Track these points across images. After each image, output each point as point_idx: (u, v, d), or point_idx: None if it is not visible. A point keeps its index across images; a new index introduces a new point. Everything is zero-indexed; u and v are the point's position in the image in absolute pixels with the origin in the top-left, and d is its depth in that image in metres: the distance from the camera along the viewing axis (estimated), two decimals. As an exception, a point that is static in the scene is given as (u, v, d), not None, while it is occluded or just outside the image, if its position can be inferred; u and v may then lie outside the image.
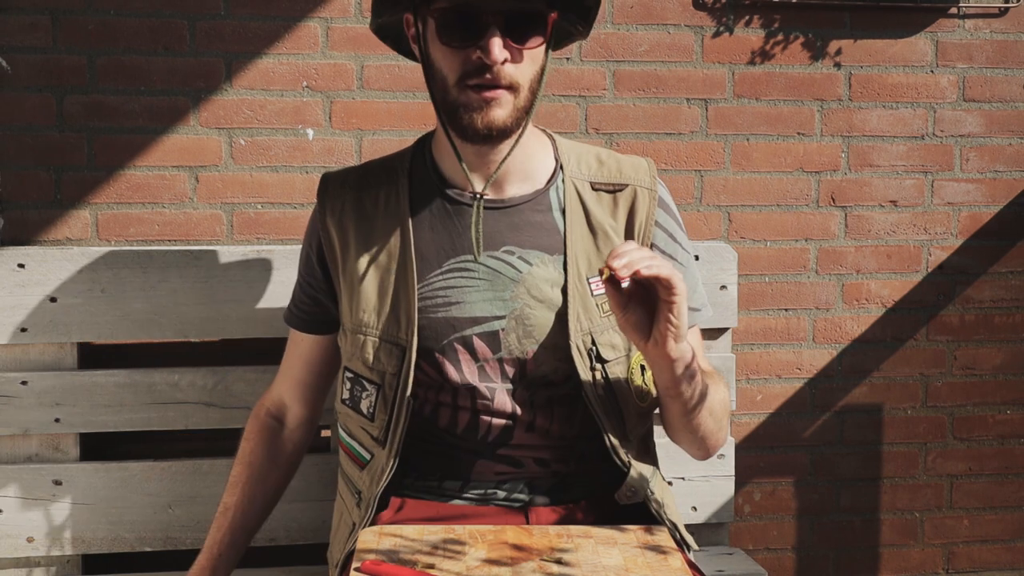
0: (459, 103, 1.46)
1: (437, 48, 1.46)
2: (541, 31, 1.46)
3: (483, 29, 1.41)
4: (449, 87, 1.46)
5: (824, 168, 2.49)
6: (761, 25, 2.43)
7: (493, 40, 1.41)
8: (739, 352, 2.47)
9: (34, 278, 1.92)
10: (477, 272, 1.54)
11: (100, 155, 2.23)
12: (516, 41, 1.43)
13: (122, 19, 2.22)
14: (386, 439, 1.54)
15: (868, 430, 2.58)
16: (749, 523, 2.56)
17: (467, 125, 1.46)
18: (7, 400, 1.91)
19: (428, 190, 1.59)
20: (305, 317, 1.69)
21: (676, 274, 1.32)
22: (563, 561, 1.37)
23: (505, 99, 1.45)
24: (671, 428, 1.56)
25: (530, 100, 1.48)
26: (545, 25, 1.46)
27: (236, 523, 1.68)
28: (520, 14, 1.43)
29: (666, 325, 1.33)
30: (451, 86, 1.46)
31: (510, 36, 1.43)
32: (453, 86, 1.46)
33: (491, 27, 1.41)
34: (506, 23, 1.42)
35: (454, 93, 1.46)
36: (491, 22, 1.41)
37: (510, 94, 1.46)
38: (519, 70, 1.45)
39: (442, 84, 1.47)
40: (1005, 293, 2.59)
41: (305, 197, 2.29)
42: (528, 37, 1.45)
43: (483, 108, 1.45)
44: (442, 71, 1.46)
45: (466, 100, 1.45)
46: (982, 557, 2.66)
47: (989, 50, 2.51)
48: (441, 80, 1.47)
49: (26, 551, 1.94)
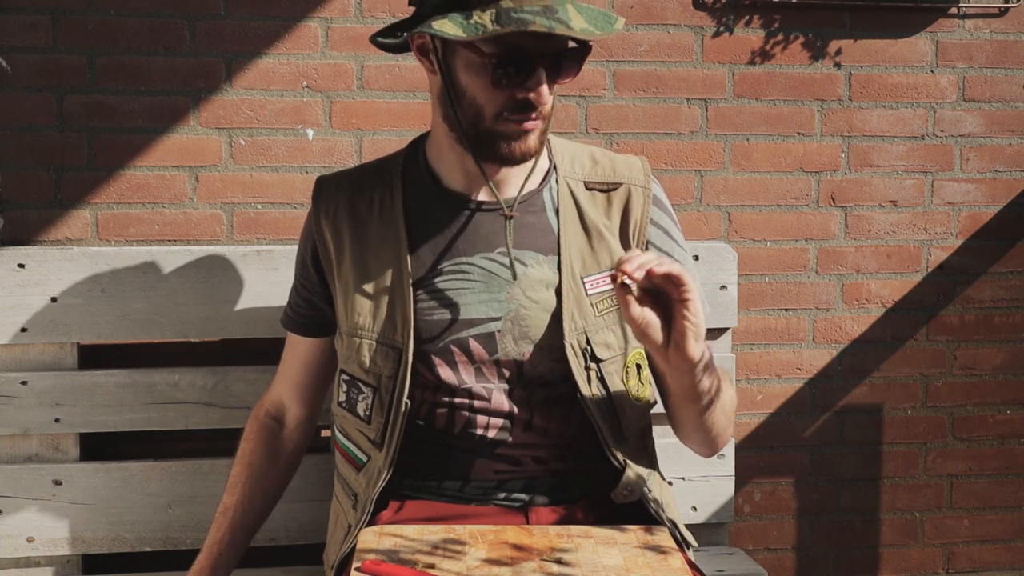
0: (495, 132, 1.47)
1: (476, 82, 1.45)
2: (577, 66, 1.48)
3: (533, 71, 1.42)
4: (485, 117, 1.47)
5: (824, 168, 2.49)
6: (761, 25, 2.43)
7: (544, 85, 1.43)
8: (739, 352, 2.47)
9: (34, 278, 1.92)
10: (472, 274, 1.54)
11: (100, 155, 2.23)
12: (557, 78, 1.45)
13: (122, 19, 2.22)
14: (383, 442, 1.54)
15: (868, 430, 2.58)
16: (749, 523, 2.56)
17: (504, 153, 1.48)
18: (7, 400, 1.91)
19: (422, 193, 1.59)
20: (301, 320, 1.69)
21: (685, 270, 1.32)
22: (563, 561, 1.37)
23: (539, 127, 1.48)
24: (683, 430, 1.56)
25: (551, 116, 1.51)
26: (582, 61, 1.48)
27: (236, 523, 1.69)
28: (566, 53, 1.45)
29: (683, 324, 1.34)
30: (487, 117, 1.46)
31: (554, 74, 1.45)
32: (490, 117, 1.46)
33: (540, 70, 1.42)
34: (552, 62, 1.44)
35: (490, 124, 1.47)
36: (542, 65, 1.42)
37: (543, 122, 1.49)
38: (551, 99, 1.47)
39: (475, 113, 1.47)
40: (1005, 293, 2.59)
41: (305, 197, 2.28)
42: (568, 72, 1.47)
43: (520, 138, 1.47)
44: (478, 102, 1.46)
45: (504, 130, 1.46)
46: (982, 557, 2.66)
47: (989, 50, 2.51)
48: (474, 109, 1.47)
49: (26, 551, 1.94)
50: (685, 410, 1.50)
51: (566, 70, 1.46)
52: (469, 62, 1.44)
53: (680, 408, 1.51)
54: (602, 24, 1.42)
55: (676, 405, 1.51)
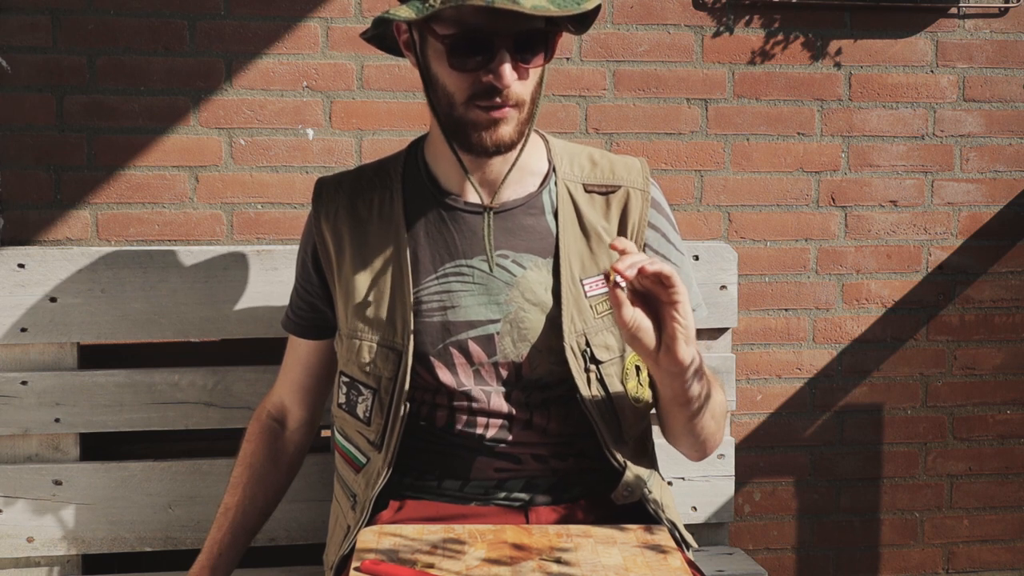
0: (466, 121, 1.46)
1: (443, 68, 1.45)
2: (547, 48, 1.46)
3: (493, 53, 1.41)
4: (456, 105, 1.46)
5: (824, 168, 2.49)
6: (761, 25, 2.43)
7: (504, 65, 1.40)
8: (739, 352, 2.47)
9: (34, 278, 1.92)
10: (472, 276, 1.54)
11: (100, 155, 2.24)
12: (523, 61, 1.43)
13: (122, 19, 2.22)
14: (382, 443, 1.54)
15: (868, 430, 2.58)
16: (749, 523, 2.56)
17: (476, 143, 1.47)
18: (7, 400, 1.91)
19: (422, 194, 1.59)
20: (302, 323, 1.69)
21: (675, 272, 1.32)
22: (563, 560, 1.37)
23: (511, 116, 1.46)
24: (672, 434, 1.56)
25: (532, 111, 1.49)
26: (552, 42, 1.46)
27: (237, 523, 1.69)
28: (528, 34, 1.42)
29: (673, 326, 1.32)
30: (458, 104, 1.45)
31: (517, 56, 1.42)
32: (460, 104, 1.45)
33: (501, 51, 1.40)
34: (515, 44, 1.42)
35: (461, 111, 1.46)
36: (501, 45, 1.40)
37: (516, 110, 1.46)
38: (524, 87, 1.45)
39: (447, 101, 1.47)
40: (1005, 293, 2.59)
41: (305, 197, 2.29)
42: (535, 55, 1.44)
43: (491, 127, 1.45)
44: (448, 89, 1.46)
45: (475, 118, 1.45)
46: (982, 557, 2.66)
47: (989, 50, 2.51)
48: (446, 98, 1.46)
49: (26, 551, 1.94)
50: (674, 415, 1.49)
51: (532, 53, 1.43)
52: (436, 49, 1.44)
53: (669, 412, 1.50)
54: (567, 2, 1.38)
55: (666, 409, 1.51)
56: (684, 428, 1.50)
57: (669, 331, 1.33)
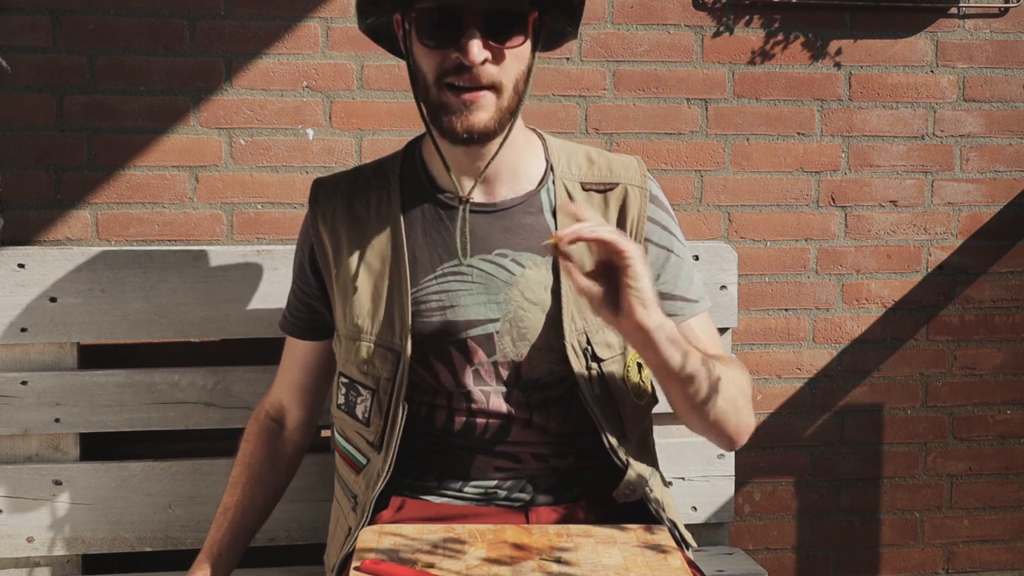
0: (440, 104, 1.45)
1: (418, 48, 1.45)
2: (523, 30, 1.45)
3: (462, 29, 1.40)
4: (429, 86, 1.45)
5: (824, 168, 2.49)
6: (761, 25, 2.43)
7: (472, 40, 1.40)
8: (739, 352, 2.47)
9: (34, 278, 1.92)
10: (471, 276, 1.54)
11: (100, 155, 2.24)
12: (497, 41, 1.42)
13: (122, 19, 2.22)
14: (382, 443, 1.54)
15: (868, 430, 2.58)
16: (749, 523, 2.56)
17: (448, 128, 1.45)
18: (7, 400, 1.91)
19: (419, 194, 1.59)
20: (300, 324, 1.69)
21: (623, 238, 1.30)
22: (563, 560, 1.37)
23: (487, 100, 1.44)
24: (678, 413, 1.53)
25: (515, 101, 1.47)
26: (526, 24, 1.45)
27: (236, 523, 1.68)
28: (500, 14, 1.42)
29: (627, 291, 1.30)
30: (431, 85, 1.45)
31: (491, 36, 1.41)
32: (433, 85, 1.45)
33: (470, 27, 1.40)
34: (486, 23, 1.41)
35: (434, 92, 1.45)
36: (470, 22, 1.40)
37: (492, 95, 1.44)
38: (502, 70, 1.44)
39: (423, 84, 1.46)
40: (1005, 293, 2.59)
41: (305, 197, 2.27)
42: (509, 36, 1.43)
43: (463, 111, 1.43)
44: (422, 70, 1.46)
45: (447, 101, 1.44)
46: (982, 557, 2.66)
47: (989, 50, 2.51)
48: (422, 79, 1.46)
49: (26, 551, 1.94)
50: (668, 389, 1.45)
51: (507, 34, 1.42)
52: (413, 31, 1.45)
53: (668, 393, 1.46)
54: None
55: (665, 390, 1.47)
56: (684, 405, 1.46)
57: (625, 295, 1.31)
